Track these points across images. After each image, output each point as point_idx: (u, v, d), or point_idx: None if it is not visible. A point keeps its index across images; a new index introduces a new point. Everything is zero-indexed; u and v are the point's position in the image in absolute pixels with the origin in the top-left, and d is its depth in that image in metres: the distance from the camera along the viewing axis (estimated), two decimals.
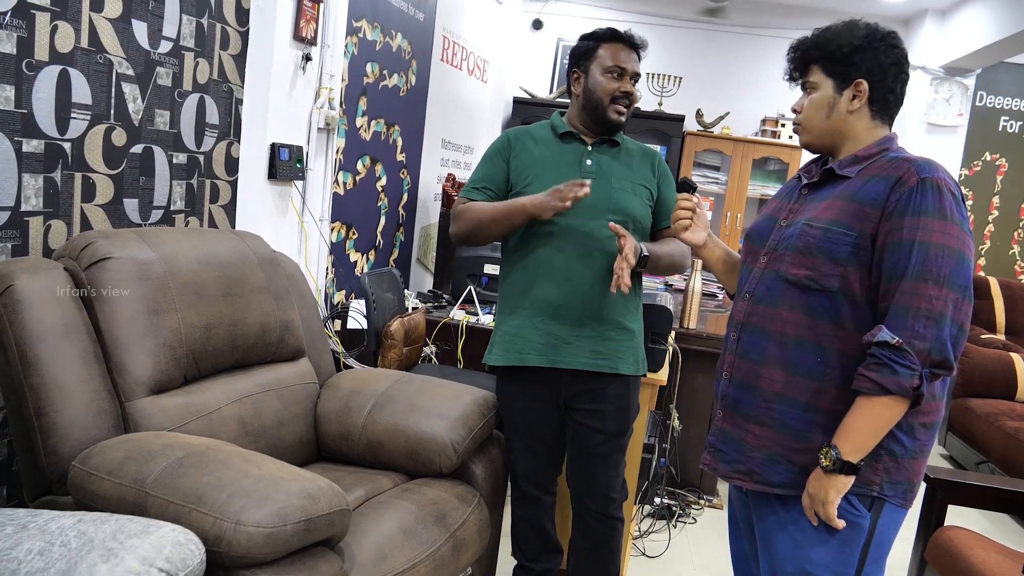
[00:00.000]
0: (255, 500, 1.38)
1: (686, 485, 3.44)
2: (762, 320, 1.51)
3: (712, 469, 1.60)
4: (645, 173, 2.08)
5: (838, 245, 1.41)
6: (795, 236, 1.48)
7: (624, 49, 2.02)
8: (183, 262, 1.86)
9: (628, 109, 2.03)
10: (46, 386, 1.58)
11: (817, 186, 1.54)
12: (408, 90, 3.83)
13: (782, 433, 1.48)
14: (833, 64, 1.48)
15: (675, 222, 1.74)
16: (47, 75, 1.82)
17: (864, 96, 1.48)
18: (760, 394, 1.50)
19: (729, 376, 1.57)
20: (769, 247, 1.54)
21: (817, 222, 1.45)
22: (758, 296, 1.53)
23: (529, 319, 2.01)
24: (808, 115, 1.53)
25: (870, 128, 1.51)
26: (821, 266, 1.43)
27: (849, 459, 1.37)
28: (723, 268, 1.77)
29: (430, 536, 1.80)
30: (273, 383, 2.05)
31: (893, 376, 1.33)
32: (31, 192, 1.83)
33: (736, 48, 5.64)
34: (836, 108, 1.50)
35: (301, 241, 2.89)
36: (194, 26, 2.29)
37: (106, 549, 1.21)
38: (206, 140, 2.42)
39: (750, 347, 1.53)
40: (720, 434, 1.59)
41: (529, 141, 2.07)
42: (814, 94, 1.52)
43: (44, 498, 1.63)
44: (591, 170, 2.02)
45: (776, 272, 1.50)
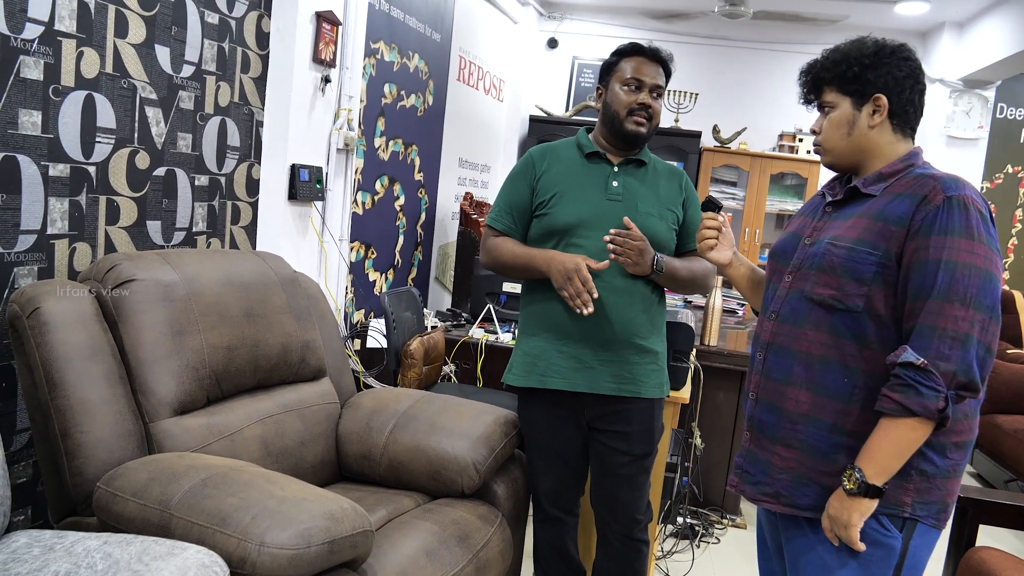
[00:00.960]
0: (279, 521, 1.38)
1: (709, 504, 3.40)
2: (787, 340, 1.50)
3: (739, 491, 1.58)
4: (672, 196, 2.05)
5: (863, 264, 1.40)
6: (819, 255, 1.46)
7: (645, 62, 2.00)
8: (206, 283, 1.88)
9: (649, 122, 2.00)
10: (72, 407, 1.59)
11: (841, 204, 1.52)
12: (425, 110, 3.86)
13: (808, 455, 1.46)
14: (847, 83, 1.47)
15: (700, 241, 1.72)
16: (73, 100, 1.85)
17: (884, 110, 1.47)
18: (786, 415, 1.48)
19: (756, 397, 1.55)
20: (793, 266, 1.53)
21: (841, 241, 1.44)
22: (783, 316, 1.51)
23: (551, 341, 1.99)
24: (828, 135, 1.52)
25: (893, 143, 1.49)
26: (845, 285, 1.41)
27: (873, 482, 1.35)
28: (748, 286, 1.75)
29: (453, 557, 1.78)
30: (295, 403, 2.05)
31: (917, 397, 1.30)
32: (57, 215, 1.85)
33: (753, 63, 5.65)
34: (857, 125, 1.48)
35: (321, 261, 2.91)
36: (215, 50, 2.32)
37: (132, 571, 1.22)
38: (227, 162, 2.44)
39: (775, 367, 1.51)
40: (747, 455, 1.57)
41: (554, 160, 2.05)
42: (833, 113, 1.50)
43: (69, 519, 1.64)
44: (617, 192, 2.00)
45: (801, 292, 1.49)
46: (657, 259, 1.93)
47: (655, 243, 1.96)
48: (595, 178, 2.01)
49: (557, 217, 1.98)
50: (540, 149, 2.09)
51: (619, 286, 1.95)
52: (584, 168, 2.03)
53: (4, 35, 1.66)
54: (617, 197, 1.99)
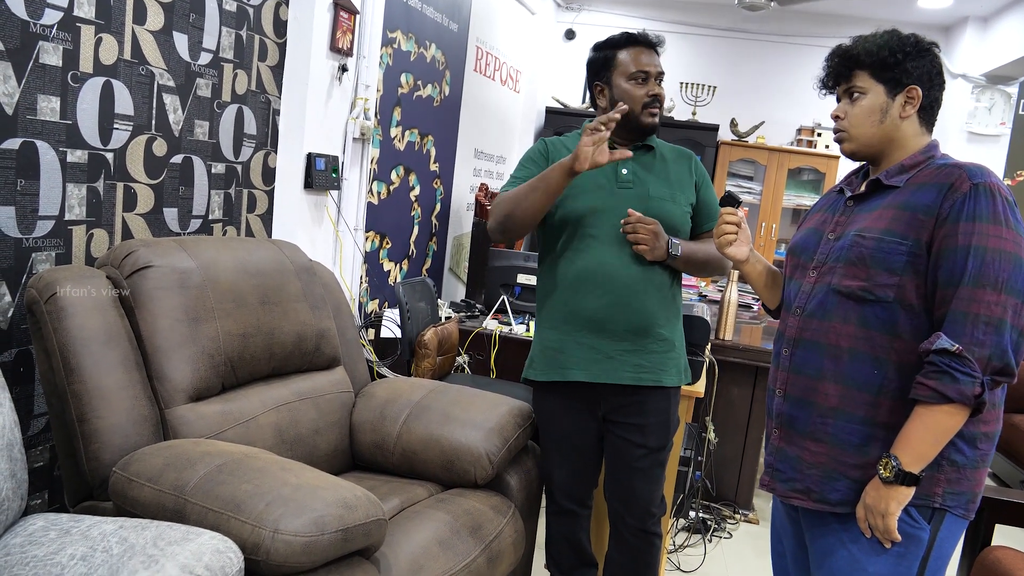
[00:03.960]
0: (293, 509, 1.38)
1: (721, 499, 3.39)
2: (815, 334, 1.49)
3: (770, 489, 1.57)
4: (683, 178, 2.03)
5: (893, 255, 1.39)
6: (846, 248, 1.45)
7: (644, 51, 1.98)
8: (222, 271, 1.88)
9: (659, 110, 2.00)
10: (88, 392, 1.60)
11: (863, 198, 1.52)
12: (442, 100, 3.85)
13: (839, 448, 1.45)
14: (884, 70, 1.46)
15: (719, 236, 1.70)
16: (91, 87, 1.86)
17: (917, 102, 1.47)
18: (815, 409, 1.48)
19: (783, 393, 1.54)
20: (818, 261, 1.52)
21: (869, 232, 1.43)
22: (810, 310, 1.50)
23: (571, 333, 1.97)
24: (857, 120, 1.50)
25: (917, 135, 1.49)
26: (876, 276, 1.41)
27: (910, 469, 1.34)
28: (764, 283, 1.74)
29: (465, 547, 1.78)
30: (309, 391, 2.05)
31: (954, 384, 1.30)
32: (75, 201, 1.86)
33: (771, 57, 5.59)
34: (889, 113, 1.47)
35: (336, 250, 2.91)
36: (233, 38, 2.32)
37: (147, 556, 1.22)
38: (244, 150, 2.44)
39: (804, 362, 1.50)
40: (777, 453, 1.56)
41: (564, 152, 2.03)
42: (863, 99, 1.49)
43: (85, 503, 1.65)
44: (627, 179, 1.98)
45: (828, 285, 1.48)
46: (671, 242, 1.92)
47: (669, 227, 1.95)
48: (605, 168, 1.98)
49: (570, 208, 1.96)
50: (552, 140, 2.09)
51: (635, 274, 1.94)
52: None
53: (23, 20, 1.67)
54: (628, 184, 1.98)
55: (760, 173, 5.46)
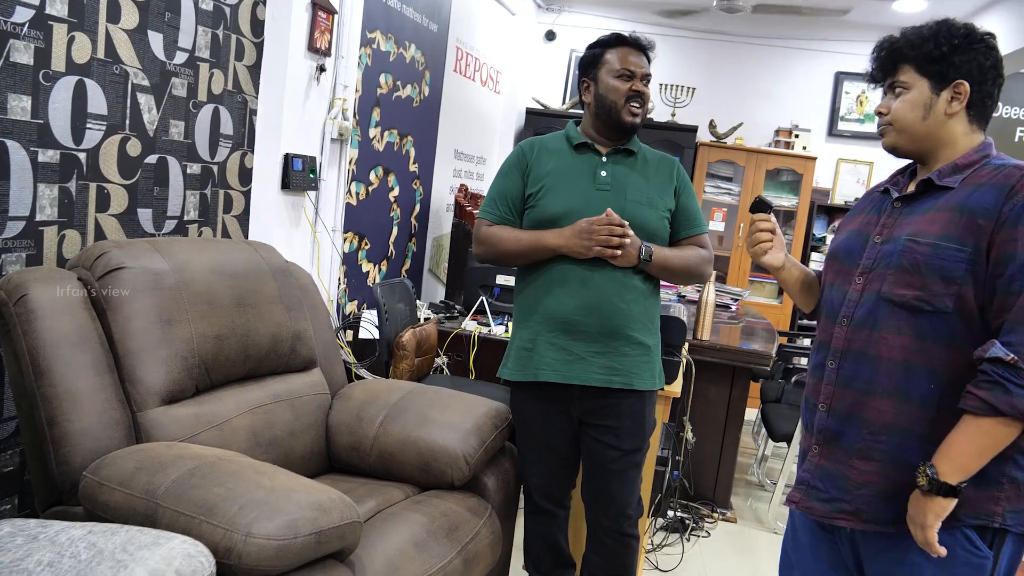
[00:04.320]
0: (266, 512, 1.37)
1: (699, 498, 3.41)
2: (865, 346, 1.39)
3: (805, 508, 1.47)
4: (662, 183, 2.04)
5: (951, 262, 1.30)
6: (897, 253, 1.36)
7: (632, 52, 2.01)
8: (196, 272, 1.87)
9: (642, 109, 2.00)
10: (58, 396, 1.58)
11: (912, 198, 1.42)
12: (421, 101, 3.84)
13: (892, 467, 1.36)
14: (930, 64, 1.38)
15: (753, 245, 1.59)
16: (63, 85, 1.83)
17: (964, 98, 1.37)
18: (865, 425, 1.38)
19: (828, 407, 1.44)
20: (864, 266, 1.42)
21: (923, 237, 1.34)
22: (858, 320, 1.41)
23: (543, 334, 1.98)
24: (901, 115, 1.41)
25: (967, 133, 1.40)
26: (932, 285, 1.31)
27: (947, 480, 1.26)
28: (800, 288, 1.64)
29: (441, 549, 1.78)
30: (285, 394, 2.04)
31: (1006, 396, 1.22)
32: (46, 202, 1.84)
33: (749, 59, 5.63)
34: (934, 110, 1.39)
35: (314, 251, 2.89)
36: (209, 37, 2.30)
37: (116, 561, 1.21)
38: (220, 150, 2.43)
39: (853, 376, 1.40)
40: (815, 470, 1.46)
41: (543, 152, 2.05)
42: (907, 94, 1.40)
43: (55, 508, 1.63)
44: (605, 182, 1.99)
45: (877, 293, 1.38)
46: (644, 248, 1.92)
47: (646, 232, 1.96)
48: (584, 169, 2.01)
49: (545, 208, 1.97)
50: (530, 142, 2.09)
51: (609, 277, 1.94)
52: (573, 159, 2.03)
53: None
54: (606, 187, 1.98)
55: (739, 174, 5.49)
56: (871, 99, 5.52)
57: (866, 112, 5.55)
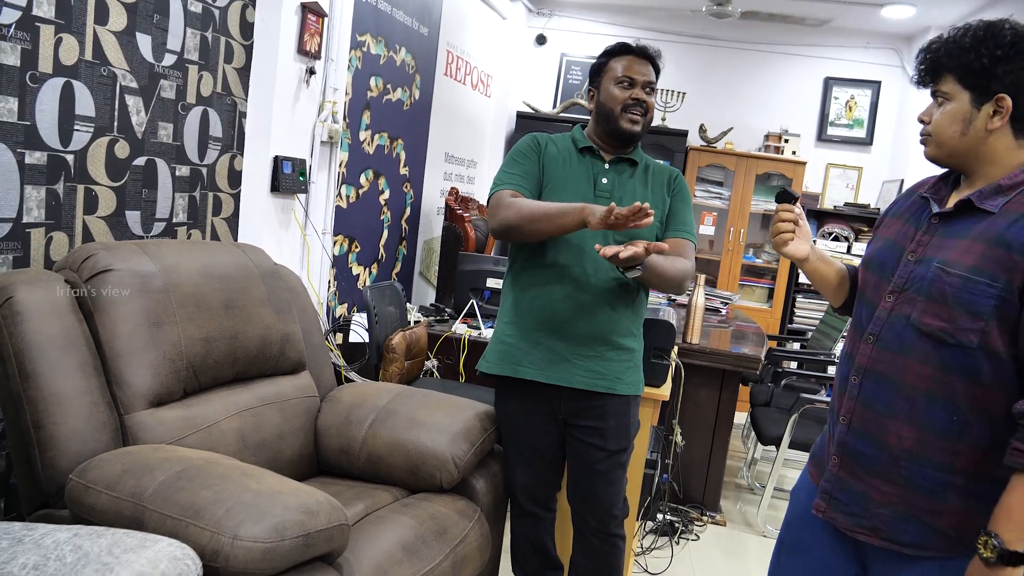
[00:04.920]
0: (253, 515, 1.37)
1: (688, 501, 3.42)
2: (889, 369, 1.37)
3: (829, 518, 1.47)
4: (660, 194, 2.04)
5: (980, 297, 1.26)
6: (928, 280, 1.32)
7: (636, 60, 2.00)
8: (184, 275, 1.86)
9: (643, 118, 1.99)
10: (45, 399, 1.58)
11: (950, 216, 1.37)
12: (412, 104, 3.84)
13: (913, 492, 1.36)
14: (970, 76, 1.31)
15: (776, 235, 1.55)
16: (51, 87, 1.83)
17: (1007, 113, 1.29)
18: (888, 450, 1.37)
19: (848, 423, 1.44)
20: (896, 285, 1.39)
21: (955, 267, 1.29)
22: (885, 341, 1.38)
23: (529, 332, 1.98)
24: (940, 128, 1.35)
25: (1012, 149, 1.32)
26: (959, 319, 1.27)
27: (1015, 548, 1.20)
28: (831, 283, 1.60)
29: (430, 552, 1.78)
30: (273, 396, 2.04)
31: None
32: (33, 204, 1.83)
33: (740, 64, 5.66)
34: (973, 125, 1.32)
35: (303, 254, 2.89)
36: (198, 39, 2.30)
37: (101, 563, 1.20)
38: (209, 153, 2.42)
39: (874, 397, 1.39)
40: (837, 483, 1.46)
41: (552, 148, 2.04)
42: (947, 106, 1.34)
43: (41, 511, 1.62)
44: (606, 189, 2.00)
45: (907, 318, 1.35)
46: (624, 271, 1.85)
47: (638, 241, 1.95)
48: (586, 173, 2.01)
49: None
50: (540, 135, 2.07)
51: (602, 283, 1.95)
52: (577, 162, 2.03)
53: None
54: (605, 194, 1.99)
55: (729, 178, 5.52)
56: (860, 104, 5.56)
57: (855, 117, 5.58)
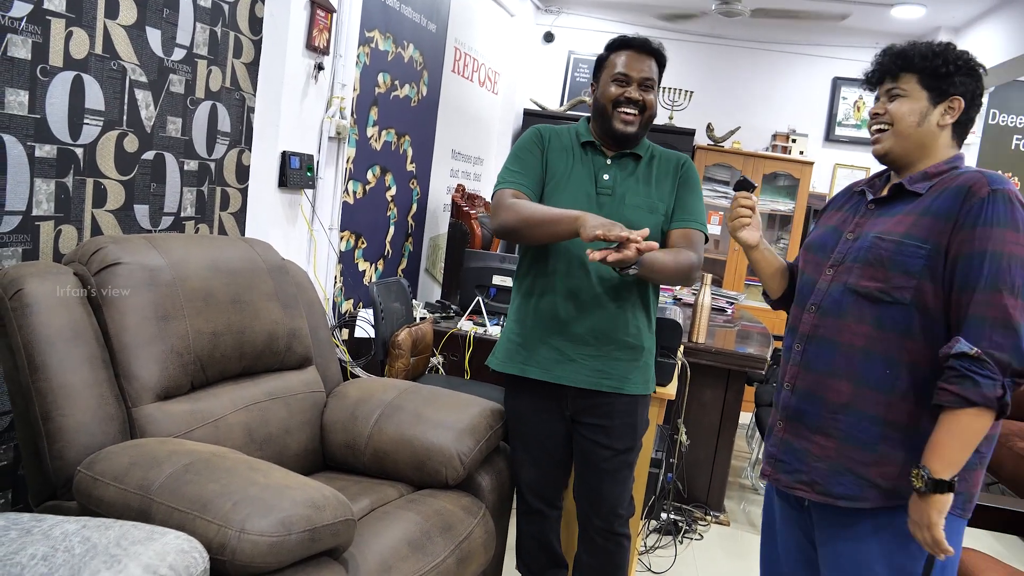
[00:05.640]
0: (260, 508, 1.37)
1: (693, 501, 3.41)
2: (829, 332, 1.51)
3: (773, 480, 1.60)
4: (666, 186, 1.99)
5: (912, 258, 1.42)
6: (865, 248, 1.49)
7: (635, 55, 1.93)
8: (192, 269, 1.86)
9: (639, 117, 1.93)
10: (53, 390, 1.58)
11: (885, 201, 1.54)
12: (419, 101, 3.84)
13: (848, 444, 1.49)
14: (934, 78, 1.48)
15: (733, 220, 1.71)
16: (61, 81, 1.83)
17: (956, 114, 1.49)
18: (825, 405, 1.51)
19: (792, 387, 1.57)
20: (835, 259, 1.55)
21: (889, 235, 1.46)
22: (825, 308, 1.53)
23: (537, 331, 1.98)
24: (901, 117, 1.50)
25: (948, 147, 1.52)
26: (894, 278, 1.44)
27: (941, 476, 1.35)
28: (771, 271, 1.76)
29: (435, 548, 1.78)
30: (280, 391, 2.04)
31: (975, 388, 1.32)
32: (43, 197, 1.84)
33: (748, 63, 5.65)
34: (928, 119, 1.50)
35: (310, 249, 2.89)
36: (208, 34, 2.30)
37: (109, 555, 1.21)
38: (217, 147, 2.43)
39: (816, 358, 1.53)
40: (781, 444, 1.59)
41: (556, 142, 2.01)
42: (904, 100, 1.50)
43: (49, 503, 1.62)
44: (607, 186, 1.97)
45: (844, 284, 1.51)
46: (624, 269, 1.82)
47: None
48: (588, 169, 1.98)
49: (552, 205, 1.96)
50: (545, 127, 2.03)
51: (607, 281, 1.93)
52: (579, 159, 1.99)
53: None
54: (607, 191, 1.97)
55: (736, 178, 5.51)
56: (868, 104, 5.54)
57: (863, 118, 5.56)
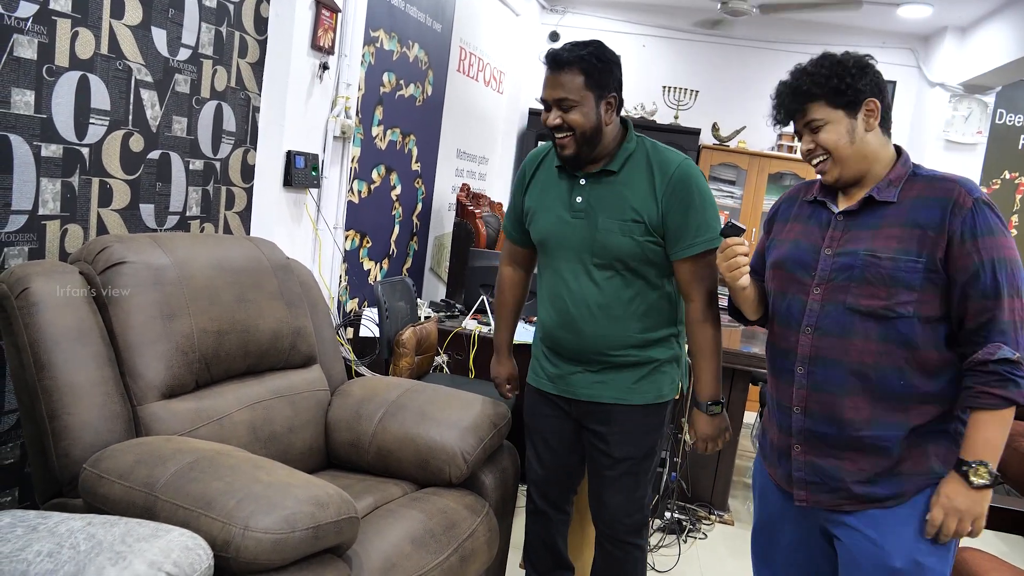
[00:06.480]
0: (264, 506, 1.38)
1: (697, 500, 3.41)
2: (835, 353, 1.52)
3: (813, 503, 1.60)
4: (641, 202, 1.83)
5: (911, 273, 1.45)
6: (859, 267, 1.49)
7: (548, 75, 1.82)
8: (197, 267, 1.87)
9: (571, 137, 1.80)
10: (59, 389, 1.59)
11: (855, 213, 1.54)
12: (424, 100, 3.85)
13: (878, 455, 1.52)
14: (839, 96, 1.49)
15: (732, 271, 1.59)
16: (67, 81, 1.84)
17: (878, 113, 1.51)
18: (848, 424, 1.52)
19: (803, 410, 1.57)
20: (821, 278, 1.54)
21: (883, 252, 1.47)
22: (825, 328, 1.53)
23: (538, 344, 2.05)
24: (834, 144, 1.51)
25: (884, 144, 1.55)
26: (897, 295, 1.46)
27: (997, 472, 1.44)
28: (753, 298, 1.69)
29: (438, 546, 1.79)
30: (284, 389, 2.05)
31: (1018, 389, 1.40)
32: (49, 196, 1.85)
33: (753, 62, 5.64)
34: (855, 132, 1.51)
35: (315, 249, 2.90)
36: (213, 34, 2.31)
37: (115, 552, 1.21)
38: (223, 147, 2.44)
39: (825, 381, 1.53)
40: (808, 467, 1.59)
41: (539, 170, 1.98)
42: (827, 127, 1.51)
43: (55, 500, 1.64)
44: (580, 208, 1.87)
45: (842, 304, 1.51)
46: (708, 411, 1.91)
47: (620, 259, 1.84)
48: (563, 193, 1.91)
49: (534, 229, 1.97)
50: (533, 155, 2.01)
51: (587, 300, 1.87)
52: (556, 181, 1.93)
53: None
54: (580, 214, 1.87)
55: (741, 177, 5.50)
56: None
57: None
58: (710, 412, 1.92)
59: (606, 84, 1.82)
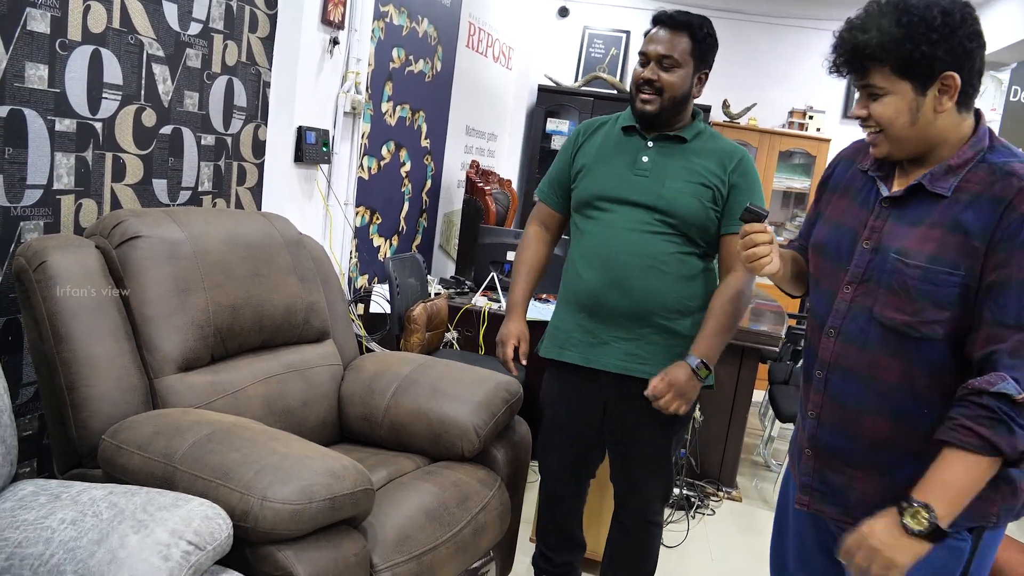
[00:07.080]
0: (281, 477, 1.40)
1: (705, 476, 3.43)
2: (855, 364, 1.33)
3: (816, 510, 1.45)
4: (712, 170, 1.88)
5: (943, 287, 1.21)
6: (888, 272, 1.27)
7: (656, 33, 1.88)
8: (212, 242, 1.88)
9: (657, 97, 1.85)
10: (78, 361, 1.61)
11: (902, 201, 1.30)
12: (434, 76, 3.83)
13: (889, 477, 1.34)
14: (911, 67, 1.20)
15: (753, 260, 1.39)
16: (80, 55, 1.84)
17: (955, 91, 1.21)
18: (864, 442, 1.34)
19: (817, 416, 1.40)
20: (854, 276, 1.33)
21: (913, 258, 1.24)
22: (848, 335, 1.33)
23: (573, 313, 1.95)
24: (890, 122, 1.25)
25: (958, 124, 1.25)
26: (923, 311, 1.23)
27: (943, 524, 1.15)
28: (792, 281, 1.54)
29: (452, 518, 1.81)
30: (298, 364, 2.06)
31: (1009, 436, 1.13)
32: (63, 171, 1.85)
33: (764, 38, 5.58)
34: (921, 112, 1.23)
35: (326, 225, 2.91)
36: (223, 8, 2.30)
37: (136, 520, 1.24)
38: (234, 122, 2.43)
39: (843, 392, 1.35)
40: (816, 475, 1.43)
41: (595, 134, 2.00)
42: (887, 99, 1.24)
43: (74, 471, 1.66)
44: (645, 167, 1.89)
45: (869, 311, 1.30)
46: (695, 370, 1.80)
47: (687, 222, 1.86)
48: (626, 153, 1.93)
49: (582, 190, 1.96)
50: (588, 123, 2.05)
51: (638, 254, 1.86)
52: (618, 142, 1.95)
53: None
54: (644, 172, 1.89)
55: (751, 155, 5.47)
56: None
57: None
58: (696, 370, 1.82)
59: (707, 59, 1.93)
